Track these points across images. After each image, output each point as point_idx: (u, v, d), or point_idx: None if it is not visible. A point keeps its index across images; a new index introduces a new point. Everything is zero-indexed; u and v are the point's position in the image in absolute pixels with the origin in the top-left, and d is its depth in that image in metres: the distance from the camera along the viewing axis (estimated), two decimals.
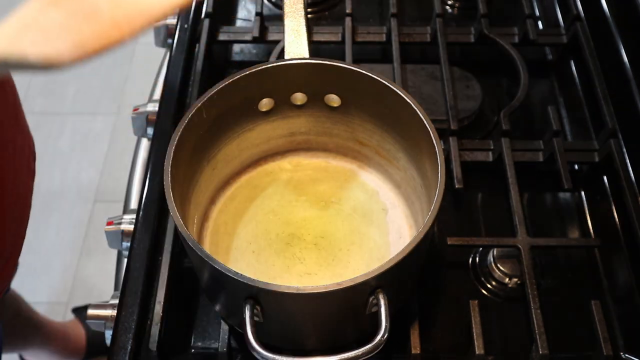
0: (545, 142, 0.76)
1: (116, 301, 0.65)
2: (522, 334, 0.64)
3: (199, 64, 0.82)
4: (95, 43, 0.27)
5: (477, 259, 0.70)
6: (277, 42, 0.84)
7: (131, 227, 0.71)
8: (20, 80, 0.76)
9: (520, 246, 0.66)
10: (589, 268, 0.70)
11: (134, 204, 0.81)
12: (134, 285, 0.65)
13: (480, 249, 0.70)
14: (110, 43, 0.29)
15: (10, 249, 0.71)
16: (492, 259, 0.69)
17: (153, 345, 0.61)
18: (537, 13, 0.93)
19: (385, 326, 0.49)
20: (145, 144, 0.90)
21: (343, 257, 0.64)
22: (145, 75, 1.02)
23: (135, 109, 0.82)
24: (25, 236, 0.74)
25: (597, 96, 0.79)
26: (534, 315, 0.62)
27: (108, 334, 0.65)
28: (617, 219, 0.73)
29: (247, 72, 0.61)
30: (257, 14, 0.87)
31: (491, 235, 0.72)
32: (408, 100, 0.59)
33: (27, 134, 0.75)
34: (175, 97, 0.79)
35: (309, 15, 0.93)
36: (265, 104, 0.66)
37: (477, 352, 0.60)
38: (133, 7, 0.28)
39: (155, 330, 0.61)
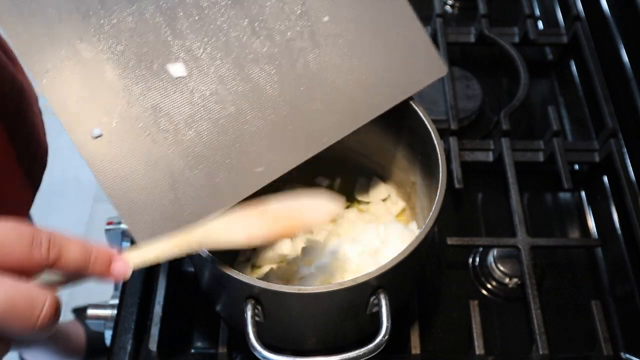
0: (545, 142, 0.76)
1: (116, 301, 0.65)
2: (522, 334, 0.64)
3: None
4: (272, 236, 0.47)
5: (477, 259, 0.70)
6: None
7: None
8: None
9: (520, 246, 0.66)
10: (589, 268, 0.70)
11: None
12: (134, 285, 0.65)
13: (480, 249, 0.70)
14: (278, 238, 0.51)
15: None
16: (492, 259, 0.69)
17: (153, 345, 0.61)
18: (537, 13, 0.93)
19: (387, 326, 0.49)
20: None
21: None
22: None
23: None
24: None
25: (597, 96, 0.79)
26: (534, 315, 0.62)
27: (108, 334, 0.65)
28: (617, 219, 0.73)
29: None
30: None
31: (491, 235, 0.72)
32: (408, 100, 0.59)
33: (26, 189, 0.73)
34: None
35: None
36: None
37: (477, 352, 0.60)
38: (298, 221, 0.48)
39: (155, 330, 0.61)
